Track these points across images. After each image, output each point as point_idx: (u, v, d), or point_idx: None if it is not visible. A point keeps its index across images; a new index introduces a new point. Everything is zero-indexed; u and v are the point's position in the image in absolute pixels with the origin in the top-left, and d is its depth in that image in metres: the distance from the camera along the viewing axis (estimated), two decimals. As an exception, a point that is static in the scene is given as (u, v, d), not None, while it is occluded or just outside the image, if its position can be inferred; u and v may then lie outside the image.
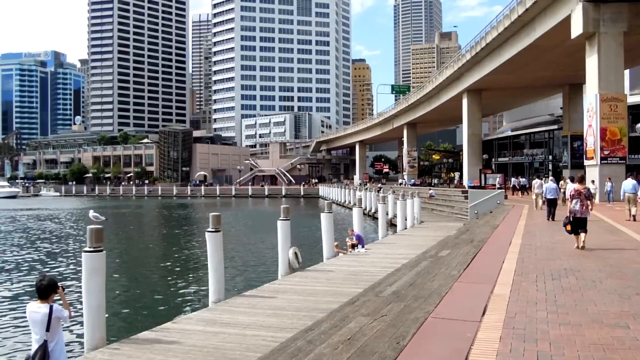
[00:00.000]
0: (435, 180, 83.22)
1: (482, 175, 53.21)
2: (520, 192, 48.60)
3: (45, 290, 6.14)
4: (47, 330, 6.00)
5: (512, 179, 53.06)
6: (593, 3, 32.78)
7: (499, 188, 42.85)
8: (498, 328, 6.39)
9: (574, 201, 13.82)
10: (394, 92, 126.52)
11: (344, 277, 14.17)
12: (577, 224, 13.68)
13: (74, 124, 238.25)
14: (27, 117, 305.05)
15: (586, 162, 36.26)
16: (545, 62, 46.31)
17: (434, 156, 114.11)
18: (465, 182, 58.00)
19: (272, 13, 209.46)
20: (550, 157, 65.14)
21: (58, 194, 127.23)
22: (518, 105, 77.41)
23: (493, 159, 75.25)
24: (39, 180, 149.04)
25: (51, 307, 6.06)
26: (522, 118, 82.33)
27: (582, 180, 15.00)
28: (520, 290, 8.56)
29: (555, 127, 64.89)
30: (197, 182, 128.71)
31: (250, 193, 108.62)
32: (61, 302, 6.40)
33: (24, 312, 6.15)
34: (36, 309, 6.09)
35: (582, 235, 13.51)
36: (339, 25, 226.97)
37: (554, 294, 8.26)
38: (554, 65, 47.09)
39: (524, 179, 51.12)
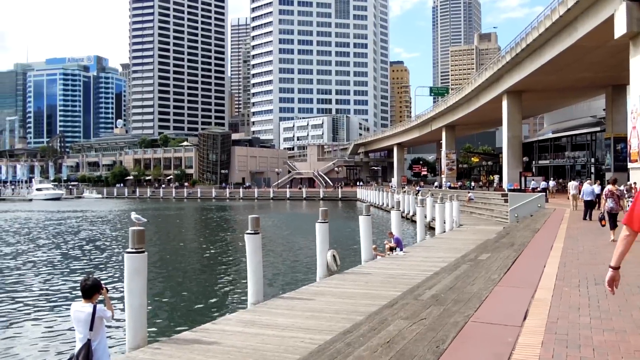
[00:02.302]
0: (473, 183, 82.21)
1: (522, 178, 52.36)
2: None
3: (90, 290, 6.26)
4: (91, 329, 6.11)
5: (532, 182, 51.88)
6: (637, 2, 32.01)
7: (540, 190, 42.25)
8: (540, 333, 6.30)
9: (609, 200, 16.40)
10: (432, 94, 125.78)
11: (382, 280, 14.15)
12: (612, 219, 16.29)
13: (116, 127, 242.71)
14: (70, 120, 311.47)
15: (630, 165, 35.43)
16: (587, 63, 45.42)
17: (472, 159, 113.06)
18: (505, 185, 57.27)
19: (310, 16, 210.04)
20: (593, 160, 63.82)
21: (100, 195, 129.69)
22: (559, 107, 76.09)
23: (533, 162, 74.16)
24: (73, 183, 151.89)
25: (95, 307, 6.17)
26: (564, 120, 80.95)
27: (615, 182, 17.49)
28: (562, 295, 8.42)
29: (598, 129, 63.60)
30: (225, 184, 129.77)
31: (288, 195, 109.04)
32: (105, 302, 6.51)
33: (68, 312, 6.27)
34: (80, 309, 6.21)
35: (612, 232, 15.88)
36: (377, 28, 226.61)
37: (597, 299, 8.10)
38: (597, 66, 46.17)
39: (544, 182, 50.01)
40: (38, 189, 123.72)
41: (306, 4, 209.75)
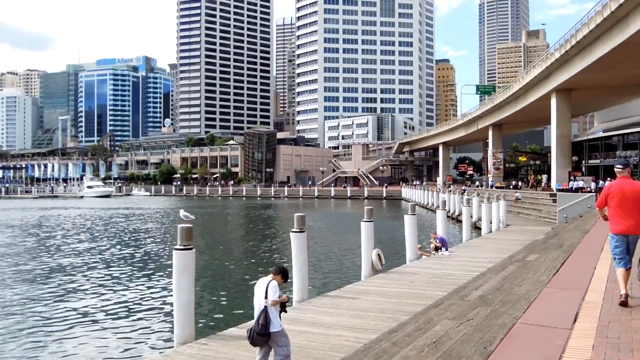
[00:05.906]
0: (520, 183, 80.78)
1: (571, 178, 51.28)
2: None
3: (284, 271, 6.93)
4: (265, 297, 6.63)
5: (572, 182, 50.65)
6: (694, -3, 31.07)
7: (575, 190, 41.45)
8: (590, 336, 6.16)
9: None
10: (478, 92, 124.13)
11: (428, 279, 14.06)
12: None
13: (164, 126, 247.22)
14: (120, 119, 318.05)
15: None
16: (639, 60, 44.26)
17: (520, 158, 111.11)
18: (554, 184, 56.21)
19: (355, 15, 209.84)
20: (646, 159, 62.03)
21: (148, 193, 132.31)
22: (610, 105, 74.25)
23: (583, 161, 72.54)
24: (117, 180, 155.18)
25: (271, 282, 6.75)
26: (615, 118, 78.88)
27: None
28: (614, 298, 8.20)
29: (651, 127, 61.90)
30: (255, 184, 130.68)
31: (332, 194, 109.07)
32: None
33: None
34: (264, 280, 6.88)
35: None
36: (422, 26, 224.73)
37: (651, 302, 7.89)
38: (650, 62, 44.94)
39: (581, 182, 48.87)
40: (89, 187, 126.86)
41: (351, 3, 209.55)
